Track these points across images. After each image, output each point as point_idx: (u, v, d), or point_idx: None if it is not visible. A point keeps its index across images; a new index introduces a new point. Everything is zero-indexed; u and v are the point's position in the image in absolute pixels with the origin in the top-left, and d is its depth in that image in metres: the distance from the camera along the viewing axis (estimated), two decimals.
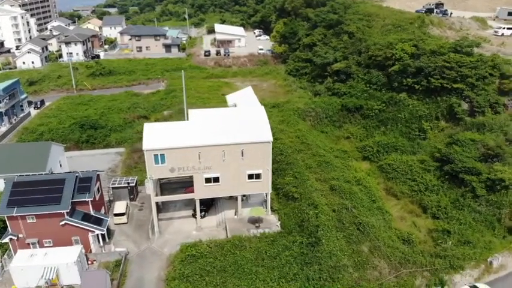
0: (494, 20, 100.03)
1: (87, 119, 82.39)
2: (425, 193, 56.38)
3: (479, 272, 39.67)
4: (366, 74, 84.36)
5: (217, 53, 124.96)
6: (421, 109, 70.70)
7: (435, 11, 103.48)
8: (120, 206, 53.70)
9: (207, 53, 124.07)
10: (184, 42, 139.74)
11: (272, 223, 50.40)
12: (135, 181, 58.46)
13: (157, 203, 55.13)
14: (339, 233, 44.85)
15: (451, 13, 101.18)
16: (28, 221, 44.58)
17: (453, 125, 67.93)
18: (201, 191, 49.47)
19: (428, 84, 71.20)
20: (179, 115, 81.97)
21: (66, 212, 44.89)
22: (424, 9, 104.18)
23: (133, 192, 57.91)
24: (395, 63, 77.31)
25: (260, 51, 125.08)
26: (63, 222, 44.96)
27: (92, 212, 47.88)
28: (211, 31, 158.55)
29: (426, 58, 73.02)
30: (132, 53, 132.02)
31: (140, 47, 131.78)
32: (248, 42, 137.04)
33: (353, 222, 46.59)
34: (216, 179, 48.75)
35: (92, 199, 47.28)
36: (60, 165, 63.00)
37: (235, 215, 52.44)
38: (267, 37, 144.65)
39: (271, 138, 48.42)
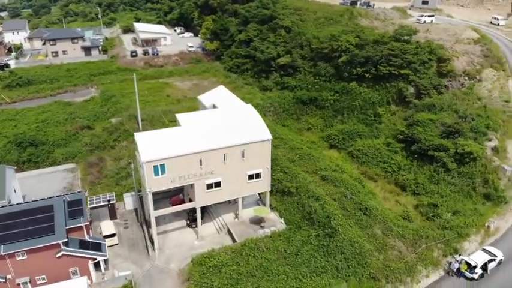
0: (410, 9, 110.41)
1: (23, 135, 72.95)
2: (399, 173, 60.84)
3: (481, 237, 44.40)
4: (312, 67, 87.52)
5: (145, 52, 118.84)
6: (373, 96, 75.70)
7: (358, 2, 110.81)
8: (108, 227, 48.86)
9: (134, 54, 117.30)
10: (103, 43, 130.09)
11: (275, 221, 50.22)
12: (114, 198, 53.59)
13: (146, 219, 51.68)
14: (349, 220, 46.40)
15: (374, 4, 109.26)
16: (18, 259, 38.49)
17: (403, 108, 73.91)
18: (203, 198, 47.30)
19: (376, 72, 76.38)
20: (131, 121, 76.91)
21: (63, 242, 39.67)
22: (349, 2, 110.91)
23: (113, 211, 53.09)
24: (342, 55, 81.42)
25: (190, 49, 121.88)
26: (59, 254, 39.72)
27: (86, 238, 42.99)
28: (127, 30, 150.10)
29: (371, 48, 78.19)
30: (47, 59, 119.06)
31: (56, 52, 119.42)
32: (173, 40, 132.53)
33: (358, 208, 48.55)
34: (218, 184, 46.99)
35: (87, 223, 42.43)
36: (15, 191, 55.28)
37: (236, 218, 51.15)
38: (191, 34, 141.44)
39: (270, 136, 48.10)
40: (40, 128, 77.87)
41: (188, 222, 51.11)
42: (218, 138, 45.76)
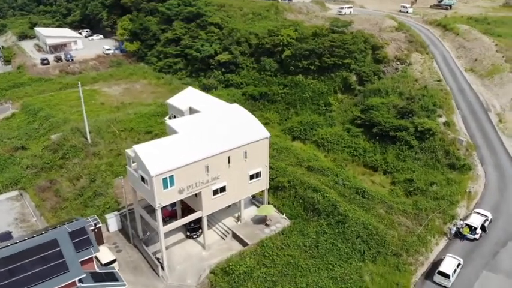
0: (326, 1, 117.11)
1: None
2: (365, 155, 64.97)
3: (466, 202, 49.97)
4: (254, 63, 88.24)
5: (58, 59, 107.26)
6: (321, 86, 79.26)
7: None
8: (105, 253, 44.01)
9: (46, 61, 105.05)
10: (2, 53, 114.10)
11: (277, 218, 50.20)
12: (99, 221, 48.26)
13: (135, 236, 47.94)
14: (352, 205, 48.56)
15: None
16: None
17: (349, 95, 78.77)
18: (210, 206, 45.40)
19: (320, 64, 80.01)
20: (75, 135, 69.37)
21: (79, 280, 34.89)
22: None
23: (100, 235, 47.89)
24: (285, 49, 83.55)
25: (108, 52, 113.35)
26: None
27: (97, 269, 38.36)
28: (23, 37, 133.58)
29: (313, 41, 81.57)
30: None
31: None
32: (83, 44, 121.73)
33: (355, 193, 50.98)
34: (223, 189, 45.48)
35: (98, 253, 37.85)
36: None
37: (239, 221, 49.95)
38: (100, 36, 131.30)
39: (269, 133, 47.92)
40: None
41: (188, 234, 48.49)
42: (221, 141, 44.24)
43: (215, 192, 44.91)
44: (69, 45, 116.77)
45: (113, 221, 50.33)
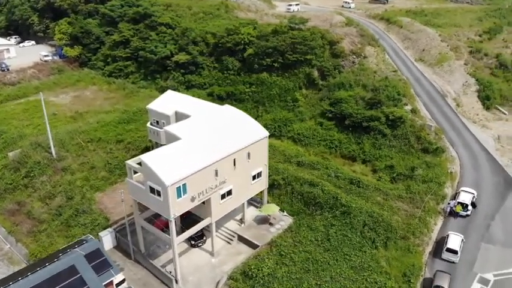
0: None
1: None
2: (341, 147, 67.26)
3: (450, 182, 53.81)
4: (214, 62, 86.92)
5: None
6: (287, 83, 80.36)
7: None
8: None
9: None
10: None
11: (278, 215, 50.31)
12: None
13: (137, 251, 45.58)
14: (350, 195, 50.13)
15: None
16: None
17: (313, 90, 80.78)
18: (218, 211, 44.36)
19: (283, 61, 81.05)
20: (37, 150, 63.39)
21: None
22: None
23: None
24: (246, 47, 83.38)
25: (46, 59, 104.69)
26: None
27: None
28: None
29: (274, 38, 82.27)
30: None
31: None
32: (16, 51, 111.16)
33: (350, 183, 52.62)
34: (230, 192, 44.67)
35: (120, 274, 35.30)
36: None
37: (242, 223, 49.25)
38: (32, 42, 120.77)
39: (267, 132, 47.81)
40: None
41: (193, 243, 46.85)
42: (226, 143, 43.41)
43: (222, 196, 43.96)
44: (1, 54, 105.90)
45: (107, 239, 47.02)
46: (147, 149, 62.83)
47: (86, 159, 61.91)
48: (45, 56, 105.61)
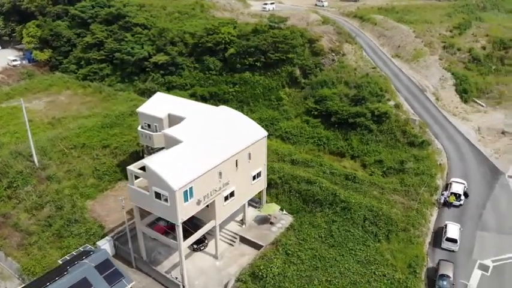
0: None
1: None
2: (329, 143, 68.14)
3: (440, 174, 55.57)
4: (194, 62, 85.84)
5: None
6: (270, 82, 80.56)
7: None
8: None
9: None
10: None
11: (279, 214, 50.34)
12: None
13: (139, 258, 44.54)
14: (348, 191, 50.90)
15: None
16: None
17: (296, 88, 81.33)
18: (222, 213, 43.95)
19: (266, 60, 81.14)
20: (18, 159, 60.37)
21: None
22: None
23: None
24: (227, 47, 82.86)
25: (15, 63, 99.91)
26: None
27: None
28: None
29: (255, 37, 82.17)
30: None
31: None
32: None
33: (346, 179, 53.41)
34: (232, 193, 44.36)
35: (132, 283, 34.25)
36: None
37: (243, 224, 48.95)
38: None
39: (266, 132, 47.79)
40: None
41: (195, 247, 46.17)
42: (228, 145, 43.10)
43: (226, 198, 43.58)
44: None
45: (106, 248, 45.43)
46: (136, 154, 61.60)
47: (72, 167, 59.59)
48: (14, 60, 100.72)
